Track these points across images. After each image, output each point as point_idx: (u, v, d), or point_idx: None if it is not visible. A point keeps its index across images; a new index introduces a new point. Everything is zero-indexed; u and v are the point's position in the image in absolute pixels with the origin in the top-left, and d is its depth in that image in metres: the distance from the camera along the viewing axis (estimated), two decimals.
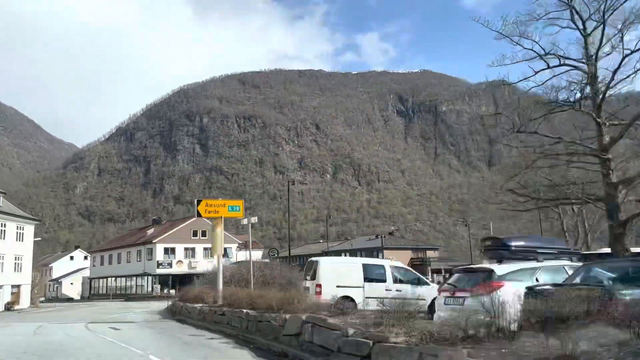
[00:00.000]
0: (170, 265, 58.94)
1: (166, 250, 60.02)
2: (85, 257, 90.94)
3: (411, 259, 67.85)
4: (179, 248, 60.64)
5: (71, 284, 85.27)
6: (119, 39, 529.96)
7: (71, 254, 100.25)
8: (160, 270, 58.32)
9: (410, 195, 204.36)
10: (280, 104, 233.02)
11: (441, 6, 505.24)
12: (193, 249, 60.77)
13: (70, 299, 72.87)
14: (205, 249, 58.81)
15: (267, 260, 53.33)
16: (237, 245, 60.27)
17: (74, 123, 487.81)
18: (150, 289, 58.83)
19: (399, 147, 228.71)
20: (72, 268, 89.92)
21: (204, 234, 60.98)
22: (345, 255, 69.76)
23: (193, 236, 61.57)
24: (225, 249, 58.91)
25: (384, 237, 76.18)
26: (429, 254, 73.55)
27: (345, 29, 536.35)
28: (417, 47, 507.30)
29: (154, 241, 59.93)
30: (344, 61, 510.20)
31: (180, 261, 59.70)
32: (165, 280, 57.90)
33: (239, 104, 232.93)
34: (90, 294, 72.26)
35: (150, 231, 67.07)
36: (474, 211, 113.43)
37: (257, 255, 58.75)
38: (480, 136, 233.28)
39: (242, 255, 56.27)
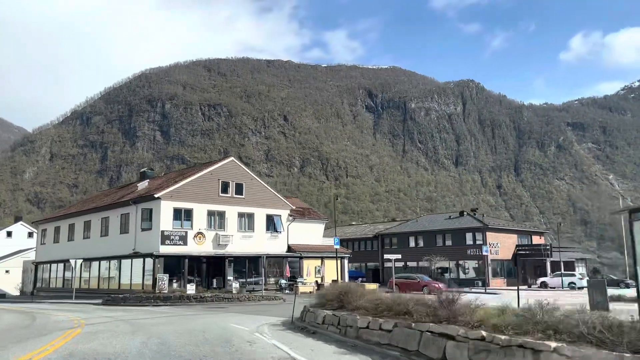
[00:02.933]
0: (183, 240, 36.29)
1: (177, 214, 36.64)
2: (31, 234, 68.03)
3: (517, 247, 56.32)
4: (200, 211, 37.69)
5: (6, 271, 62.07)
6: (80, 22, 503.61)
7: (8, 229, 73.13)
8: (166, 249, 35.29)
9: (379, 191, 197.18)
10: (247, 93, 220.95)
11: (410, 7, 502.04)
12: (222, 214, 39.06)
13: (1, 296, 51.70)
14: (242, 215, 40.23)
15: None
16: (288, 212, 43.52)
17: (28, 107, 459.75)
18: (149, 280, 34.95)
19: (368, 142, 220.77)
20: (10, 250, 66.05)
21: (239, 189, 40.12)
22: (417, 238, 59.79)
23: (222, 192, 39.37)
24: (272, 218, 42.42)
25: (478, 214, 58.91)
26: (535, 240, 60.43)
27: (314, 24, 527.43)
28: (386, 46, 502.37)
29: (156, 195, 35.74)
30: (311, 57, 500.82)
31: (200, 233, 37.81)
32: (173, 266, 35.66)
33: (204, 91, 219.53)
34: (35, 288, 50.01)
35: (142, 185, 43.71)
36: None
37: (317, 229, 44.85)
38: (448, 135, 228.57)
39: (297, 228, 43.24)
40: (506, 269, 55.42)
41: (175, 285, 34.61)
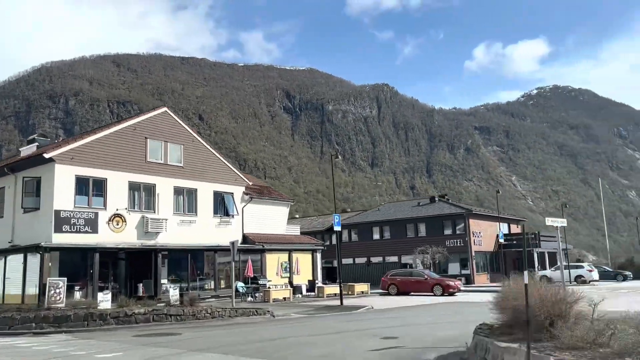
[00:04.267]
0: (92, 225, 23.02)
1: (82, 186, 23.31)
2: None
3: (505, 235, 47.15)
4: (117, 182, 24.61)
5: None
6: None
7: None
8: (64, 238, 22.10)
9: (298, 192, 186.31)
10: (159, 91, 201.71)
11: (326, 12, 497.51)
12: (151, 189, 26.06)
13: None
14: (180, 191, 27.34)
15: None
16: (244, 189, 31.07)
17: None
18: (33, 289, 21.60)
19: (286, 143, 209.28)
20: None
21: (176, 154, 27.44)
22: (383, 229, 48.29)
23: (152, 157, 26.42)
24: (222, 197, 29.06)
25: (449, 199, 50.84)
26: (513, 229, 51.69)
27: (230, 24, 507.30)
28: (302, 49, 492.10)
29: (48, 156, 22.40)
30: (227, 57, 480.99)
31: (119, 216, 24.27)
32: (75, 265, 22.79)
33: (113, 87, 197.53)
34: None
35: (28, 149, 30.18)
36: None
37: (280, 213, 30.16)
38: (364, 137, 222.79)
39: (255, 212, 30.82)
40: (489, 263, 45.46)
41: (78, 295, 21.29)
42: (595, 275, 38.89)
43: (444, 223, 44.99)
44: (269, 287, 27.37)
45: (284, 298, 26.24)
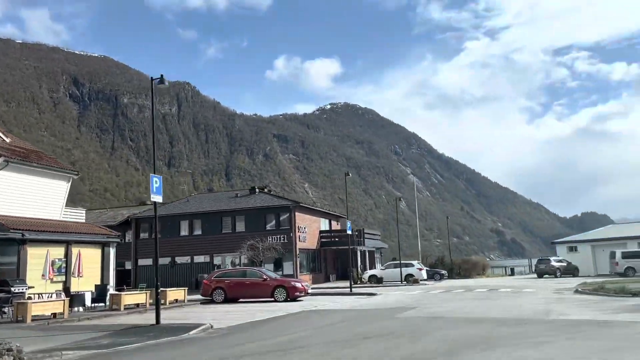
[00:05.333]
0: None
1: None
2: None
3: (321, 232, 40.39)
4: None
5: None
6: None
7: None
8: None
9: (82, 190, 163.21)
10: None
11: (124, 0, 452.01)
12: None
13: None
14: None
15: None
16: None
17: None
18: None
19: (70, 135, 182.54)
20: None
21: None
22: (194, 223, 37.73)
23: None
24: None
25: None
26: (334, 226, 44.97)
27: None
28: (96, 35, 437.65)
29: None
30: (4, 33, 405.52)
31: None
32: None
33: None
34: None
35: None
36: None
37: (54, 189, 17.28)
38: (162, 135, 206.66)
39: (14, 184, 19.44)
40: (311, 261, 39.79)
41: None
42: (424, 274, 35.80)
43: (266, 217, 37.86)
44: (28, 297, 16.93)
45: (54, 315, 16.06)
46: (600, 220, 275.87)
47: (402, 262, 35.82)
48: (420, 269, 35.82)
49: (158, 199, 14.92)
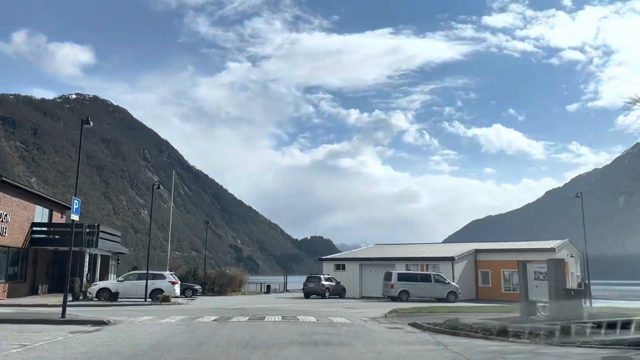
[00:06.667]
0: None
1: None
2: None
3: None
4: None
5: None
6: None
7: None
8: None
9: None
10: None
11: None
12: None
13: None
14: None
15: None
16: None
17: None
18: None
19: None
20: None
21: None
22: None
23: None
24: None
25: None
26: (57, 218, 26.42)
27: None
28: None
29: None
30: None
31: None
32: None
33: None
34: None
35: None
36: None
37: None
38: None
39: None
40: (11, 265, 27.02)
41: None
42: (177, 289, 26.62)
43: None
44: None
45: None
46: (325, 244, 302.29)
47: (149, 272, 25.95)
48: (174, 283, 26.54)
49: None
